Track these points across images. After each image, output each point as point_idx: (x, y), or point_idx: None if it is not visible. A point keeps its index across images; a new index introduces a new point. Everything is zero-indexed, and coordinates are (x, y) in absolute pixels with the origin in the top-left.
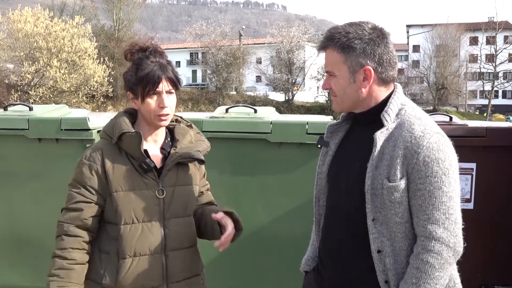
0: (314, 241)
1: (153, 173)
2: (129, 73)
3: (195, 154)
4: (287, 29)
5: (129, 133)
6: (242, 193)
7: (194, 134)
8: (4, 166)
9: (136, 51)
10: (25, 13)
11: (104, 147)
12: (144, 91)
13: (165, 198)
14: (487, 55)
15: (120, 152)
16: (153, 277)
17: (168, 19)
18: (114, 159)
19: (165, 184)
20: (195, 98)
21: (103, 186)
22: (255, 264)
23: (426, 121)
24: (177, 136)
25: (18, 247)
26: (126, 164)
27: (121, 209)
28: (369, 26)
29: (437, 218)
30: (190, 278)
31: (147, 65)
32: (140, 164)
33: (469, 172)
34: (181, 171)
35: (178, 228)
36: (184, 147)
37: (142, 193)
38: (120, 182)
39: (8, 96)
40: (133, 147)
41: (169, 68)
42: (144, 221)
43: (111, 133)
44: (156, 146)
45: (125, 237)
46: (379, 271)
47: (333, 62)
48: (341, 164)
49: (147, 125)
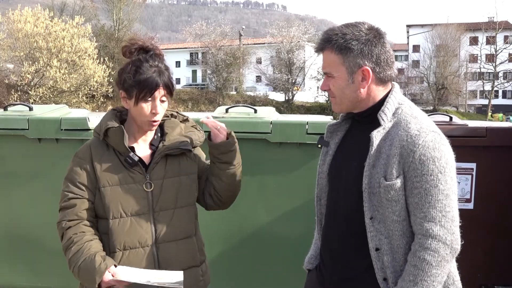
0: (316, 240)
1: (139, 167)
2: (126, 74)
3: (182, 145)
4: (287, 29)
5: (113, 128)
6: (241, 193)
7: (185, 127)
8: (4, 166)
9: (136, 50)
10: (25, 13)
11: (93, 143)
12: (139, 95)
13: (153, 191)
14: (487, 55)
15: (108, 148)
16: (145, 268)
17: (168, 19)
18: (102, 155)
19: (153, 177)
20: (195, 98)
21: (92, 182)
22: (255, 264)
23: (423, 120)
24: (166, 129)
25: (18, 247)
26: (113, 159)
27: (109, 204)
28: (365, 27)
29: (433, 216)
30: (185, 270)
31: (147, 70)
32: (125, 158)
33: (469, 172)
34: (170, 163)
35: (169, 220)
36: (173, 139)
37: (130, 187)
38: (107, 177)
39: (8, 96)
40: (117, 141)
41: (166, 74)
42: (133, 214)
43: (99, 130)
44: (145, 143)
45: (114, 231)
46: (377, 268)
47: (331, 64)
48: (340, 163)
49: (135, 123)
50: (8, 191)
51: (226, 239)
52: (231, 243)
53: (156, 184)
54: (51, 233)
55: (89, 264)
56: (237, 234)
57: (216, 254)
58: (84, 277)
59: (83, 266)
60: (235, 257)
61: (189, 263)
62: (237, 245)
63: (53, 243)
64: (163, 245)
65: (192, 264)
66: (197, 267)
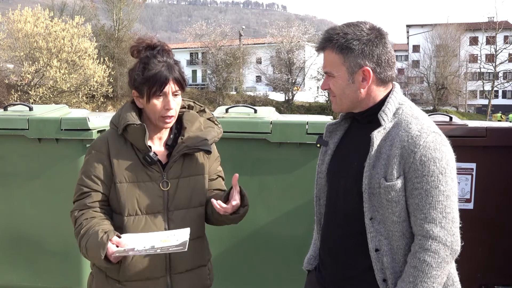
0: (316, 240)
1: (157, 166)
2: (135, 72)
3: (201, 145)
4: (287, 29)
5: (134, 125)
6: None
7: (204, 121)
8: (4, 166)
9: (143, 48)
10: (25, 13)
11: (111, 136)
12: (150, 91)
13: (169, 190)
14: (487, 55)
15: (126, 143)
16: (156, 268)
17: (168, 19)
18: (119, 150)
19: (170, 176)
20: (195, 98)
21: (108, 175)
22: (255, 264)
23: (423, 120)
24: (185, 123)
25: (17, 247)
26: (131, 155)
27: (125, 200)
28: (367, 27)
29: (434, 217)
30: (194, 269)
31: (155, 65)
32: (144, 156)
33: (469, 172)
34: (187, 161)
35: (182, 220)
36: (192, 136)
37: (146, 185)
38: (124, 173)
39: (8, 96)
40: (138, 139)
41: (176, 68)
42: (148, 213)
43: (117, 123)
44: (160, 142)
45: (129, 228)
46: (377, 269)
47: (332, 63)
48: (340, 163)
49: (151, 123)
50: (8, 191)
51: (226, 239)
52: (231, 243)
53: (172, 183)
54: (51, 233)
55: (93, 240)
56: (237, 234)
57: (216, 254)
58: (92, 255)
59: (89, 244)
60: (235, 257)
61: (199, 263)
62: (237, 245)
63: (53, 243)
64: None
65: (200, 264)
66: (204, 266)
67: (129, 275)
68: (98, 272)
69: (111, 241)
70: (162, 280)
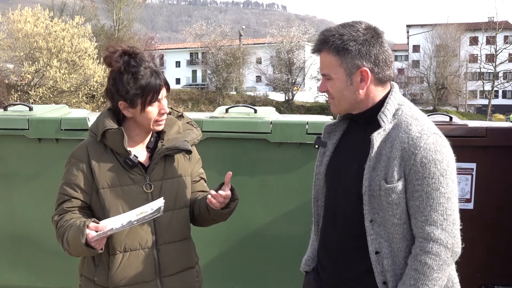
0: (313, 241)
1: (139, 168)
2: (124, 84)
3: (181, 145)
4: (287, 29)
5: (112, 129)
6: (242, 193)
7: (183, 124)
8: (4, 166)
9: (119, 56)
10: (25, 13)
11: (90, 144)
12: (145, 100)
13: (153, 192)
14: (487, 55)
15: (106, 149)
16: (145, 271)
17: (168, 19)
18: (99, 156)
19: (153, 178)
20: (195, 98)
21: (89, 183)
22: (254, 264)
23: (423, 122)
24: (164, 127)
25: (17, 247)
26: (112, 160)
27: (109, 206)
28: (362, 27)
29: (435, 220)
30: (183, 271)
31: (144, 73)
32: (124, 160)
33: (469, 172)
34: (169, 164)
35: (169, 221)
36: (171, 138)
37: (129, 189)
38: (106, 178)
39: (8, 96)
40: (117, 143)
41: (161, 71)
42: None
43: (95, 131)
44: (142, 146)
45: (115, 233)
46: (377, 272)
47: (329, 65)
48: (338, 164)
49: (137, 128)
50: (8, 191)
51: (226, 239)
52: (231, 243)
53: (155, 185)
54: (51, 233)
55: (71, 232)
56: (237, 234)
57: (216, 254)
58: (74, 248)
59: (69, 237)
60: (234, 257)
61: (187, 265)
62: (237, 245)
63: (53, 243)
64: (163, 247)
65: (189, 266)
66: (192, 268)
67: (117, 281)
68: (87, 280)
69: (89, 227)
70: (152, 284)
